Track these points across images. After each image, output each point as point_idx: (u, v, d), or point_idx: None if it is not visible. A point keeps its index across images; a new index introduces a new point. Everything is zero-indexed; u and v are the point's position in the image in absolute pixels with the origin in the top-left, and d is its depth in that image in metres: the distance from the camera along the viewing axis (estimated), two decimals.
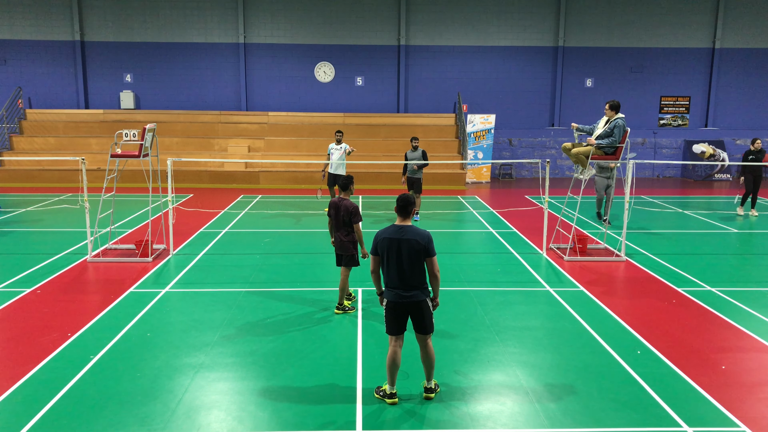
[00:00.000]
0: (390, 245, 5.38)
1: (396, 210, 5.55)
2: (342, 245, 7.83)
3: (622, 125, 10.09)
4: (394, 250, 5.37)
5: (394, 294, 5.44)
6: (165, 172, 13.16)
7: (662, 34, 23.84)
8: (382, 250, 5.45)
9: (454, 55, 23.86)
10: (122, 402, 5.53)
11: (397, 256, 5.36)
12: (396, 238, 5.37)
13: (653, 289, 9.14)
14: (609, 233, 11.87)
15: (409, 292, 5.40)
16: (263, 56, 23.63)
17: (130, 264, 10.25)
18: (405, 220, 5.49)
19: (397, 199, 5.54)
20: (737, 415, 5.39)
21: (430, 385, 5.68)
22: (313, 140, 21.88)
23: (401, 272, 5.38)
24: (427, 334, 5.55)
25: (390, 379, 5.56)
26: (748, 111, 24.44)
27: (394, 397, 5.58)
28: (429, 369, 5.63)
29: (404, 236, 5.36)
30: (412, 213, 5.53)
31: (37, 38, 23.07)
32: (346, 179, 7.92)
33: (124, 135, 10.20)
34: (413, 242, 5.34)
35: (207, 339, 7.02)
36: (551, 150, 23.68)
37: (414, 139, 14.15)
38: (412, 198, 5.53)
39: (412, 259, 5.35)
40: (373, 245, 5.54)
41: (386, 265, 5.46)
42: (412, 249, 5.33)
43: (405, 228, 5.41)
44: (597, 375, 6.15)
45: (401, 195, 5.56)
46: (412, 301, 5.41)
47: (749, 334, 7.31)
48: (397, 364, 5.52)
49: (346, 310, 7.96)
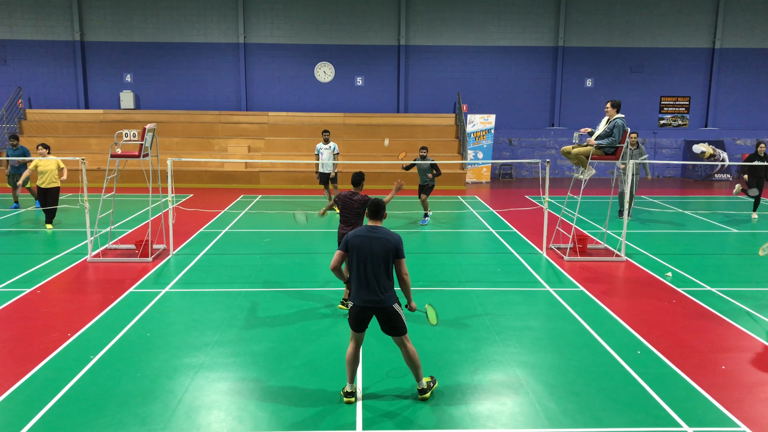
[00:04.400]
0: (361, 243, 5.42)
1: (367, 214, 5.73)
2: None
3: (622, 125, 10.09)
4: (365, 249, 5.40)
5: (358, 298, 5.43)
6: (165, 172, 13.15)
7: (662, 34, 23.85)
8: (352, 248, 5.47)
9: (454, 55, 23.86)
10: (122, 402, 5.52)
11: (367, 256, 5.39)
12: (367, 236, 5.45)
13: (653, 289, 9.14)
14: (609, 233, 11.87)
15: (374, 297, 5.38)
16: (263, 56, 23.63)
17: (130, 264, 10.25)
18: (376, 221, 5.63)
19: (369, 203, 5.70)
20: (737, 415, 5.39)
21: (422, 385, 5.59)
22: (313, 140, 21.84)
23: (368, 274, 5.38)
24: (401, 336, 5.52)
25: (349, 375, 5.57)
26: (748, 111, 24.45)
27: (351, 396, 5.54)
28: (415, 370, 5.56)
29: (376, 235, 5.45)
30: (383, 216, 5.66)
31: (37, 38, 23.08)
32: (358, 175, 7.90)
33: (124, 135, 10.20)
34: (384, 241, 5.41)
35: (207, 339, 7.02)
36: (551, 150, 23.69)
37: (423, 149, 14.13)
38: (382, 203, 5.70)
39: (381, 259, 5.38)
40: (343, 242, 5.58)
41: (354, 266, 5.46)
42: (383, 248, 5.38)
43: (377, 228, 5.52)
44: (597, 375, 6.15)
45: (374, 200, 5.73)
46: (377, 307, 5.41)
47: (749, 334, 7.31)
48: (356, 360, 5.56)
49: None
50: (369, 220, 5.67)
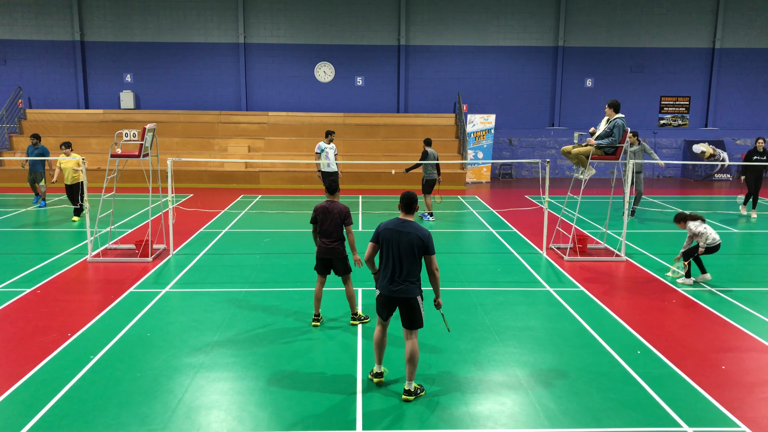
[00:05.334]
0: (391, 236, 5.54)
1: (400, 206, 5.71)
2: (331, 250, 7.26)
3: (622, 125, 10.10)
4: (394, 242, 5.52)
5: (385, 287, 5.60)
6: (165, 172, 13.14)
7: (662, 34, 23.85)
8: (383, 240, 5.60)
9: (454, 55, 23.86)
10: (122, 402, 5.53)
11: (396, 249, 5.51)
12: (397, 230, 5.53)
13: (653, 289, 9.14)
14: (609, 233, 11.87)
15: (398, 287, 5.53)
16: (263, 56, 23.63)
17: (130, 264, 10.25)
18: (408, 215, 5.65)
19: (401, 195, 5.70)
20: (737, 415, 5.39)
21: (411, 387, 5.59)
22: (313, 140, 21.84)
23: (396, 266, 5.53)
24: (413, 330, 5.61)
25: (377, 357, 5.85)
26: (748, 111, 24.44)
27: (380, 376, 5.83)
28: (412, 368, 5.58)
29: (405, 230, 5.52)
30: (416, 209, 5.69)
31: (37, 38, 23.08)
32: (335, 183, 7.39)
33: (124, 135, 10.20)
34: (413, 237, 5.47)
35: (207, 339, 7.02)
36: (551, 150, 23.68)
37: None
38: (414, 195, 5.69)
39: (409, 253, 5.48)
40: (375, 233, 5.70)
41: (384, 258, 5.60)
42: (412, 244, 5.47)
43: (407, 222, 5.58)
44: (597, 375, 6.15)
45: (405, 192, 5.70)
46: (400, 297, 5.54)
47: (749, 334, 7.31)
48: (382, 343, 5.80)
49: (362, 319, 7.55)
50: (401, 213, 5.69)
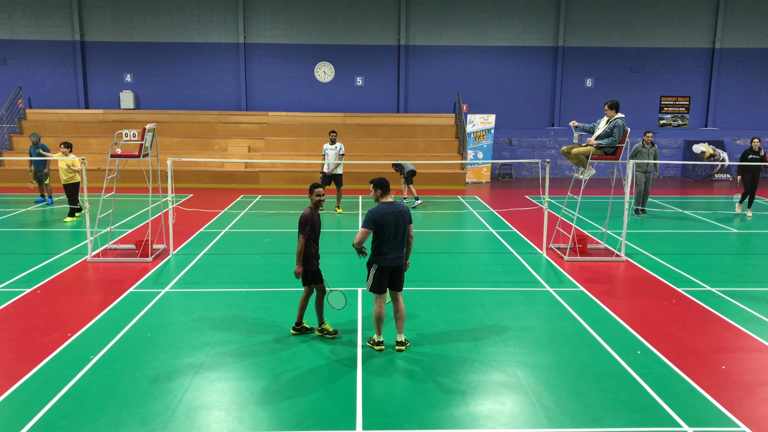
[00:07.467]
0: (391, 217, 6.42)
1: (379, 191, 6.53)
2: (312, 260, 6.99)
3: (622, 125, 10.09)
4: (392, 222, 6.42)
5: (388, 260, 6.48)
6: (165, 172, 13.13)
7: (662, 34, 23.84)
8: (384, 223, 6.39)
9: (454, 55, 23.85)
10: (122, 402, 5.52)
11: (394, 226, 6.43)
12: (391, 211, 6.45)
13: (653, 289, 9.14)
14: (609, 233, 11.86)
15: (399, 255, 6.55)
16: (263, 56, 23.62)
17: (130, 264, 10.25)
18: (388, 196, 6.58)
19: (377, 182, 6.55)
20: (737, 415, 5.39)
21: (401, 338, 6.63)
22: (313, 140, 21.87)
23: (398, 240, 6.48)
24: (400, 291, 6.71)
25: (377, 329, 6.68)
26: (748, 111, 24.44)
27: (382, 345, 6.67)
28: (401, 323, 6.65)
29: (396, 209, 6.48)
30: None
31: (37, 38, 23.07)
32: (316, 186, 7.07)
33: (124, 135, 10.20)
34: (404, 211, 6.53)
35: (207, 339, 7.02)
36: (551, 150, 23.68)
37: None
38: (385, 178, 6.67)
39: (403, 227, 6.49)
40: (370, 221, 6.40)
41: (390, 235, 6.42)
42: (404, 218, 6.51)
43: (392, 203, 6.53)
44: (597, 375, 6.15)
45: (378, 178, 6.59)
46: (400, 264, 6.58)
47: (749, 334, 7.31)
48: (383, 317, 6.65)
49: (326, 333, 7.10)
50: (381, 197, 6.52)
